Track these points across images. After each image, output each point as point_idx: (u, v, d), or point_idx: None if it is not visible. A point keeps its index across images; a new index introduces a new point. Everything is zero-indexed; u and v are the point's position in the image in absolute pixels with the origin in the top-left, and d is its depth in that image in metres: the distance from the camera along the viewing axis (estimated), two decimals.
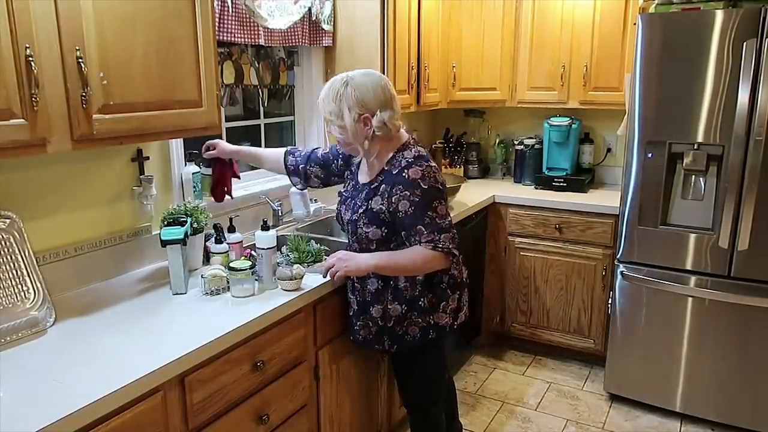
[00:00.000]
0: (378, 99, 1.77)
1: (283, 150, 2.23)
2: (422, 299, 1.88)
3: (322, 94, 1.83)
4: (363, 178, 1.94)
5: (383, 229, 1.83)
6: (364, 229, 1.85)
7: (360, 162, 1.99)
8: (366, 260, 1.83)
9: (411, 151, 1.84)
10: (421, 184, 1.76)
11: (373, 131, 1.78)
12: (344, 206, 1.98)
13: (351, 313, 2.01)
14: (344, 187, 2.06)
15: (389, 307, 1.89)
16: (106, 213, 1.98)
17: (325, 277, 1.92)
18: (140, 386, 1.34)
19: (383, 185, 1.83)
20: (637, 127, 2.70)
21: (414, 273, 1.85)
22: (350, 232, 1.94)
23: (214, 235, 2.10)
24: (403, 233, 1.81)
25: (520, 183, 3.67)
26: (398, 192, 1.78)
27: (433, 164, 1.83)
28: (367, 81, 1.78)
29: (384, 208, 1.81)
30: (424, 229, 1.76)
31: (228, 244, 2.08)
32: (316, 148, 2.22)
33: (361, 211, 1.87)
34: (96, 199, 1.94)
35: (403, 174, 1.78)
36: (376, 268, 1.84)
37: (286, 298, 1.81)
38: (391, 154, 1.85)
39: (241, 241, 2.09)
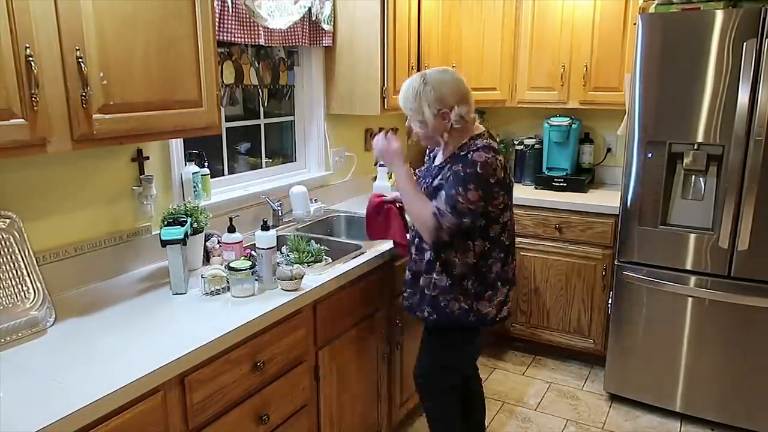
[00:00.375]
0: (455, 95, 1.89)
1: None
2: (467, 281, 1.96)
3: (401, 94, 1.96)
4: (437, 160, 2.06)
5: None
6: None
7: (436, 152, 2.10)
8: (399, 170, 1.99)
9: (483, 140, 1.93)
10: (477, 167, 1.84)
11: (452, 125, 1.91)
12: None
13: (404, 285, 2.14)
14: (421, 169, 2.20)
15: (436, 277, 1.98)
16: (106, 213, 1.98)
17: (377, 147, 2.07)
18: (140, 386, 1.34)
19: (449, 164, 1.93)
20: (637, 127, 2.70)
21: (409, 215, 2.02)
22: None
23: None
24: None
25: (520, 183, 3.67)
26: (455, 167, 1.88)
27: (500, 157, 1.91)
28: (444, 78, 1.91)
29: (444, 183, 1.91)
30: (443, 194, 1.87)
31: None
32: None
33: (427, 188, 1.99)
34: (96, 199, 1.94)
35: (469, 155, 1.87)
36: (397, 179, 2.00)
37: (286, 298, 1.81)
38: (464, 141, 1.95)
39: (241, 241, 2.09)
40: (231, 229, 2.09)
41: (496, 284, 1.99)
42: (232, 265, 1.83)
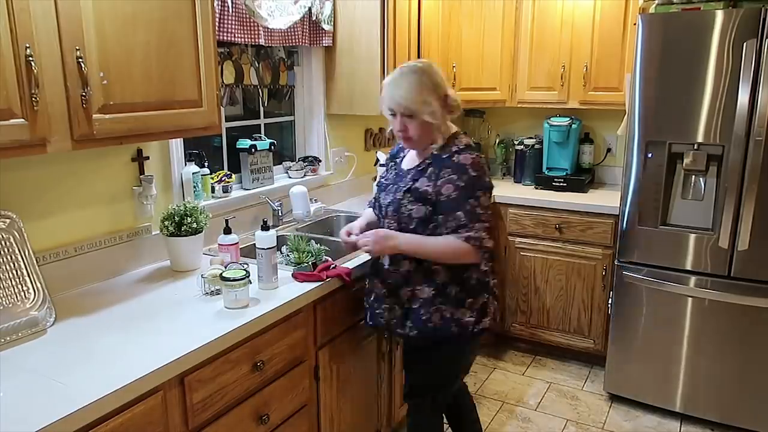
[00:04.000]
0: (443, 78, 1.86)
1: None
2: (451, 288, 1.88)
3: (401, 93, 1.82)
4: (408, 164, 1.97)
5: (428, 207, 1.84)
6: (408, 206, 1.87)
7: (404, 156, 2.03)
8: (402, 241, 1.86)
9: (461, 140, 1.89)
10: (469, 170, 1.79)
11: (450, 109, 1.87)
12: (384, 192, 2.00)
13: (372, 298, 1.99)
14: (385, 175, 2.09)
15: (418, 288, 1.89)
16: (106, 213, 1.98)
17: (350, 251, 1.96)
18: (140, 386, 1.34)
19: (431, 168, 1.86)
20: (637, 127, 2.70)
21: (443, 261, 1.86)
22: (389, 215, 1.93)
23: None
24: (441, 216, 1.82)
25: (520, 183, 3.67)
26: (445, 175, 1.81)
27: (484, 156, 1.85)
28: (429, 65, 1.87)
29: (430, 189, 1.83)
30: (462, 216, 1.78)
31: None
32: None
33: (405, 189, 1.88)
34: (96, 199, 1.94)
35: (453, 158, 1.82)
36: (404, 249, 1.86)
37: (285, 298, 1.81)
38: (441, 142, 1.87)
39: (237, 243, 2.08)
40: (227, 231, 2.09)
41: (475, 290, 1.90)
42: (225, 274, 1.73)
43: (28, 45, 1.35)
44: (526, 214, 3.28)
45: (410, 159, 1.98)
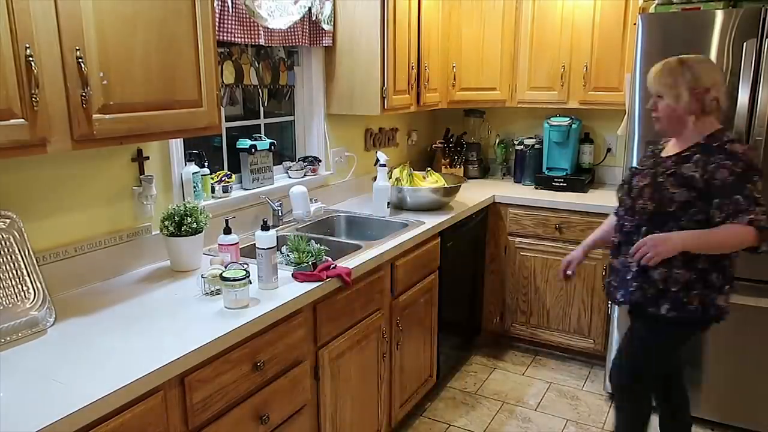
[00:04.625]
0: (710, 78, 1.90)
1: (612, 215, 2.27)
2: (714, 274, 1.92)
3: (653, 69, 1.98)
4: (669, 151, 2.02)
5: (692, 192, 1.87)
6: (670, 190, 1.90)
7: (663, 147, 2.09)
8: (679, 239, 1.86)
9: (728, 135, 1.93)
10: (742, 158, 1.83)
11: (703, 108, 1.90)
12: (639, 176, 2.04)
13: (627, 277, 2.02)
14: (641, 162, 2.16)
15: (676, 272, 1.92)
16: (106, 213, 1.98)
17: (637, 264, 1.93)
18: (140, 386, 1.34)
19: (697, 155, 1.90)
20: (637, 127, 2.70)
21: (725, 250, 1.89)
22: (646, 195, 1.96)
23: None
24: (715, 201, 1.84)
25: (520, 183, 3.67)
26: (718, 161, 1.84)
27: (752, 149, 1.93)
28: (701, 61, 1.94)
29: (698, 175, 1.86)
30: (741, 200, 1.80)
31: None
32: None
33: (668, 173, 1.93)
34: (96, 199, 1.94)
35: (725, 147, 1.86)
36: (687, 246, 1.86)
37: (285, 298, 1.81)
38: (707, 134, 1.92)
39: (237, 243, 2.08)
40: (227, 231, 2.09)
41: (730, 277, 1.97)
42: (225, 274, 1.72)
43: (28, 45, 1.35)
44: (526, 214, 3.29)
45: (671, 148, 2.03)
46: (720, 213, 1.83)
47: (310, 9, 2.63)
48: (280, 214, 2.61)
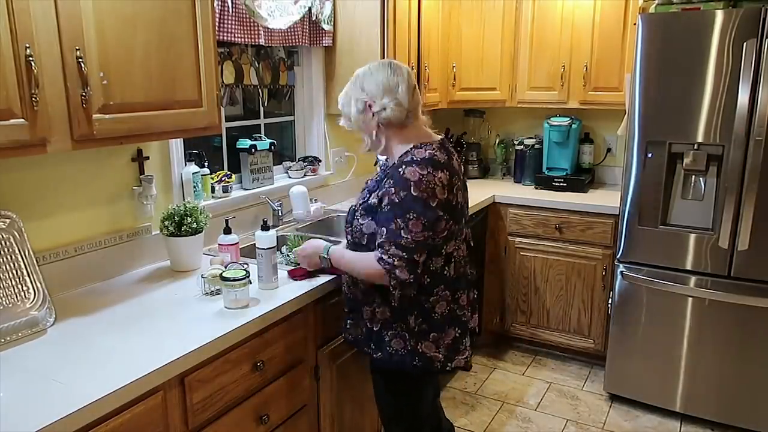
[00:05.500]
0: (381, 86, 1.69)
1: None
2: (410, 317, 1.70)
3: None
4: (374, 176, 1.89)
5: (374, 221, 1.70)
6: (359, 220, 1.74)
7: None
8: (330, 251, 1.83)
9: (425, 151, 1.65)
10: (411, 189, 1.58)
11: (378, 122, 1.70)
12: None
13: (345, 310, 1.89)
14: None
15: (378, 309, 1.74)
16: (106, 213, 1.98)
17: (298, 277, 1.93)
18: (140, 386, 1.34)
19: (384, 179, 1.70)
20: (637, 127, 2.70)
21: (360, 278, 1.74)
22: (345, 229, 1.85)
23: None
24: (374, 228, 1.69)
25: (520, 183, 3.67)
26: (386, 185, 1.64)
27: (443, 176, 1.61)
28: (376, 69, 1.73)
29: (376, 201, 1.68)
30: (384, 233, 1.61)
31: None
32: None
33: (361, 202, 1.77)
34: (96, 199, 1.94)
35: (399, 170, 1.62)
36: (333, 258, 1.82)
37: (286, 298, 1.80)
38: (405, 150, 1.70)
39: (237, 243, 2.08)
40: (227, 231, 2.09)
41: (443, 326, 1.72)
42: (225, 274, 1.72)
43: (28, 45, 1.35)
44: (526, 214, 3.28)
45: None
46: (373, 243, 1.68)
47: (310, 9, 2.63)
48: (280, 214, 2.61)
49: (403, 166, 1.63)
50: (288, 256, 2.15)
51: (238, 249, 2.08)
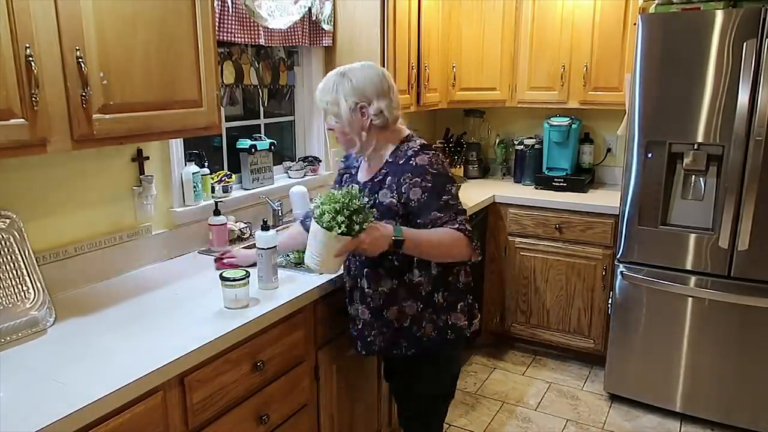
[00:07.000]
0: (375, 88, 1.74)
1: (298, 222, 2.16)
2: (437, 295, 1.79)
3: (319, 86, 1.79)
4: (363, 176, 1.86)
5: (397, 221, 1.73)
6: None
7: (359, 165, 1.92)
8: (393, 230, 1.65)
9: (415, 142, 1.80)
10: (430, 169, 1.71)
11: (370, 121, 1.75)
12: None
13: (360, 326, 1.87)
14: (338, 188, 1.87)
15: (404, 305, 1.79)
16: (106, 213, 1.98)
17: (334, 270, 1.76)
18: (140, 386, 1.34)
19: (389, 177, 1.75)
20: (637, 127, 2.70)
21: (442, 255, 1.72)
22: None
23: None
24: (419, 221, 1.71)
25: (520, 183, 3.67)
26: (407, 180, 1.71)
27: (440, 153, 1.77)
28: (365, 71, 1.76)
29: (395, 200, 1.73)
30: (439, 213, 1.70)
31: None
32: None
33: (370, 205, 1.74)
34: (96, 199, 1.94)
35: (411, 162, 1.73)
36: (408, 235, 1.65)
37: (286, 298, 1.81)
38: (393, 147, 1.79)
39: (225, 224, 2.15)
40: (216, 213, 2.15)
41: (464, 293, 1.84)
42: (224, 275, 1.71)
43: (28, 45, 1.35)
44: (526, 214, 3.28)
45: (364, 170, 1.87)
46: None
47: (310, 9, 2.63)
48: (280, 214, 2.61)
49: (412, 158, 1.74)
50: (288, 256, 2.13)
51: (226, 229, 2.20)
